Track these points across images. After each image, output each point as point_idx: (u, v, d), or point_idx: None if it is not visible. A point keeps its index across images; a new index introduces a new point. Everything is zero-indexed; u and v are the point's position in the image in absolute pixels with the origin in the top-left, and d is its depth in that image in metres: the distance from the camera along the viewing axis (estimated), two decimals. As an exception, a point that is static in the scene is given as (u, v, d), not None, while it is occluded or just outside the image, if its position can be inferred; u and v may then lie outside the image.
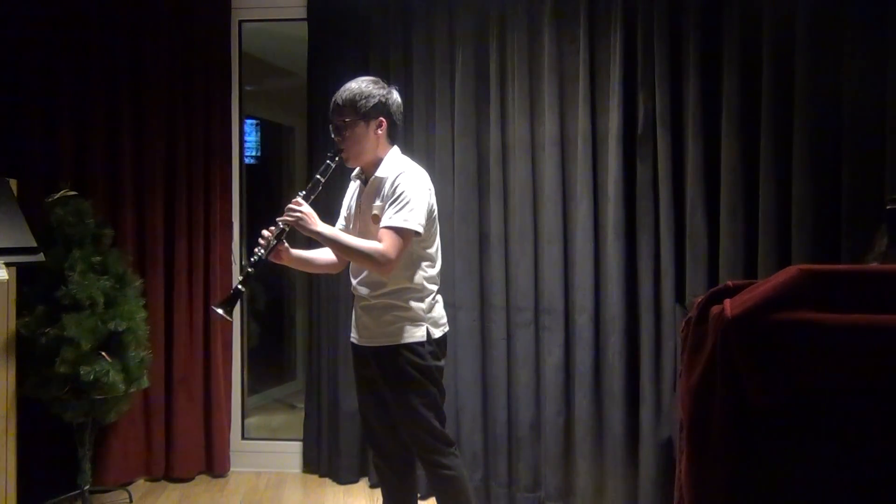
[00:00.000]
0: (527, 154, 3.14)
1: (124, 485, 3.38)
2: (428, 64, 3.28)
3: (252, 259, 2.23)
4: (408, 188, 2.19)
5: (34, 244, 2.74)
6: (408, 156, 2.38)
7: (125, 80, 3.42)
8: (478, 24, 3.24)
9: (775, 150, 2.74)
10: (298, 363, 5.02)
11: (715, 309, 1.38)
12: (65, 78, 3.37)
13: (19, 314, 2.90)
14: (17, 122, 3.34)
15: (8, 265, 2.67)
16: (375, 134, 2.27)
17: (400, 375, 2.22)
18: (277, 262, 2.32)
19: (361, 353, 2.33)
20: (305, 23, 3.49)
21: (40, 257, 2.75)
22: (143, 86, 3.45)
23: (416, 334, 2.23)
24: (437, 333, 2.29)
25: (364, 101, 2.23)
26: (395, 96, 2.32)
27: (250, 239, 3.78)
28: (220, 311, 2.19)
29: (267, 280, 5.08)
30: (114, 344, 2.94)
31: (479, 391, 3.20)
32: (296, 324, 5.10)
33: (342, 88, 2.28)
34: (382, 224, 2.18)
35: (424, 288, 2.28)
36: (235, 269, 3.64)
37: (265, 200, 5.09)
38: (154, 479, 3.51)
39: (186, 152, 3.49)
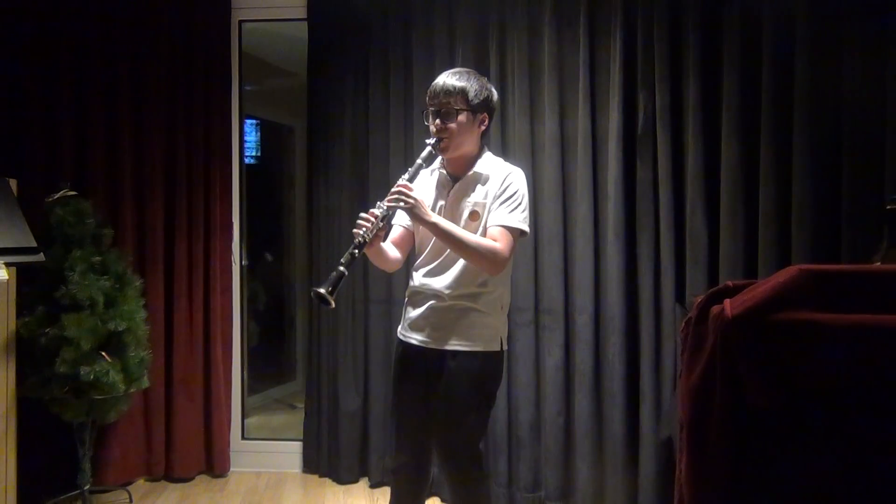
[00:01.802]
0: (527, 154, 3.14)
1: (124, 485, 3.38)
2: (428, 64, 3.28)
3: (356, 240, 2.04)
4: (520, 188, 2.14)
5: (34, 244, 2.74)
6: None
7: (125, 80, 3.42)
8: (478, 24, 3.24)
9: (775, 149, 2.74)
10: (298, 363, 5.02)
11: (715, 309, 1.38)
12: (65, 78, 3.37)
13: (19, 314, 2.89)
14: (17, 122, 3.34)
15: (8, 265, 2.67)
16: (478, 129, 2.20)
17: (462, 384, 2.13)
18: (365, 251, 2.11)
19: (420, 353, 2.21)
20: (305, 23, 3.49)
21: (40, 257, 2.75)
22: (143, 86, 3.45)
23: (492, 343, 2.17)
24: (506, 345, 2.23)
25: (475, 92, 2.15)
26: (496, 96, 2.26)
27: (250, 239, 3.79)
28: (322, 290, 1.99)
29: (267, 280, 5.08)
30: (114, 344, 2.94)
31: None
32: (296, 324, 5.10)
33: (450, 74, 2.18)
34: (496, 222, 2.10)
35: (505, 295, 2.22)
36: (235, 269, 3.64)
37: (265, 200, 5.10)
38: (154, 479, 3.51)
39: (186, 152, 3.49)
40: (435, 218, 2.08)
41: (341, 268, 2.02)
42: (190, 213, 3.49)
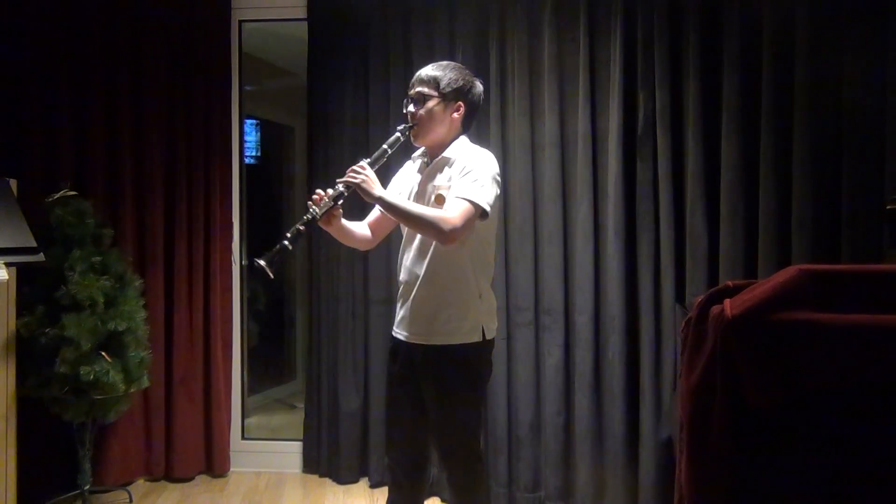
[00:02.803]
0: (527, 154, 3.14)
1: (124, 485, 3.38)
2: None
3: (305, 217, 2.08)
4: (481, 168, 2.11)
5: (34, 244, 2.74)
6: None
7: (125, 80, 3.42)
8: (478, 24, 3.24)
9: (775, 150, 2.74)
10: (298, 363, 5.02)
11: (715, 309, 1.38)
12: (65, 78, 3.37)
13: (19, 314, 2.89)
14: (17, 122, 3.34)
15: (8, 265, 2.67)
16: (451, 117, 2.20)
17: (447, 378, 2.14)
18: (324, 227, 2.17)
19: (406, 350, 2.23)
20: (305, 23, 3.49)
21: (40, 257, 2.75)
22: (143, 86, 3.45)
23: (472, 335, 2.15)
24: (490, 335, 2.21)
25: (448, 81, 2.18)
26: (479, 88, 2.26)
27: (250, 239, 3.79)
28: (262, 262, 2.02)
29: (267, 280, 5.08)
30: (114, 344, 2.94)
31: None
32: (296, 324, 5.10)
33: (427, 66, 2.23)
34: (452, 194, 2.08)
35: (483, 286, 2.20)
36: (235, 269, 3.64)
37: (265, 200, 5.10)
38: (154, 479, 3.51)
39: (186, 152, 3.48)
40: (380, 192, 2.08)
41: (285, 242, 2.05)
42: (190, 213, 3.49)
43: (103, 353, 2.89)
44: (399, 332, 2.27)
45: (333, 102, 3.45)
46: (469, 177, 2.09)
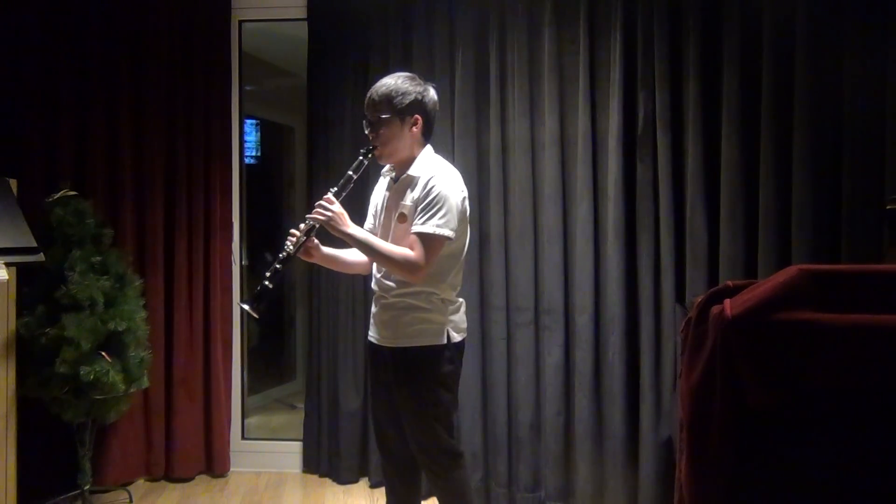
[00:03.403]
0: (527, 154, 3.14)
1: (124, 485, 3.38)
2: (428, 64, 3.28)
3: (280, 255, 2.17)
4: (441, 191, 2.13)
5: (34, 244, 2.74)
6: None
7: (125, 80, 3.42)
8: (478, 25, 3.24)
9: (775, 150, 2.74)
10: (298, 363, 5.02)
11: (715, 309, 1.38)
12: (65, 78, 3.37)
13: (19, 314, 2.89)
14: (17, 122, 3.34)
15: (8, 265, 2.67)
16: (410, 132, 2.22)
17: (415, 380, 2.18)
18: (307, 260, 2.27)
19: (379, 353, 2.28)
20: (305, 23, 3.49)
21: (40, 257, 2.75)
22: (143, 86, 3.45)
23: (437, 338, 2.19)
24: (457, 338, 2.23)
25: (400, 97, 2.18)
26: (432, 94, 2.26)
27: (250, 239, 3.79)
28: (246, 307, 2.14)
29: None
30: (114, 344, 2.94)
31: (478, 391, 3.20)
32: (296, 324, 5.09)
33: (378, 84, 2.23)
34: (414, 229, 2.12)
35: (448, 291, 2.23)
36: (235, 269, 3.64)
37: (265, 200, 5.09)
38: (154, 479, 3.51)
39: (186, 152, 3.48)
40: (352, 230, 2.14)
41: (266, 282, 2.15)
42: (190, 213, 3.49)
43: (103, 353, 2.89)
44: (371, 335, 2.34)
45: (333, 102, 3.45)
46: (429, 206, 2.12)
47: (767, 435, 1.34)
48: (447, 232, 2.12)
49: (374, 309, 2.32)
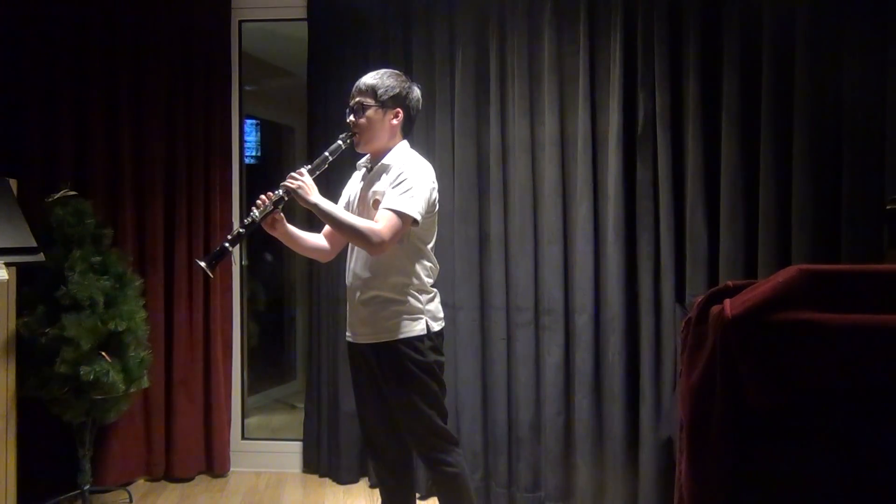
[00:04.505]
0: (527, 154, 3.14)
1: (124, 485, 3.38)
2: (428, 64, 3.28)
3: (245, 220, 2.22)
4: (412, 176, 2.19)
5: (34, 244, 2.74)
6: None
7: (125, 80, 3.42)
8: (478, 24, 3.24)
9: (775, 150, 2.74)
10: (298, 363, 5.02)
11: (715, 309, 1.38)
12: (65, 78, 3.37)
13: (19, 314, 2.89)
14: (17, 122, 3.34)
15: (8, 265, 2.67)
16: (390, 123, 2.28)
17: (401, 371, 2.20)
18: (270, 232, 2.30)
19: (360, 351, 2.31)
20: (305, 23, 3.49)
21: (40, 257, 2.75)
22: (143, 86, 3.45)
23: (416, 328, 2.22)
24: (435, 327, 2.27)
25: (385, 89, 2.26)
26: (416, 93, 2.35)
27: (250, 239, 3.78)
28: (202, 263, 2.20)
29: (267, 280, 5.08)
30: (114, 344, 2.94)
31: (479, 391, 3.20)
32: (296, 324, 5.09)
33: (365, 76, 2.31)
34: (382, 205, 2.16)
35: (423, 282, 2.27)
36: (235, 269, 3.64)
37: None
38: (154, 479, 3.51)
39: (186, 152, 3.48)
40: (315, 199, 2.16)
41: (226, 244, 2.22)
42: (190, 213, 3.49)
43: (103, 353, 2.89)
44: (349, 335, 2.36)
45: (333, 102, 3.45)
46: (401, 187, 2.17)
47: (767, 435, 1.33)
48: (413, 213, 2.15)
49: (349, 307, 2.35)
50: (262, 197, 2.23)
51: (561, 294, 3.10)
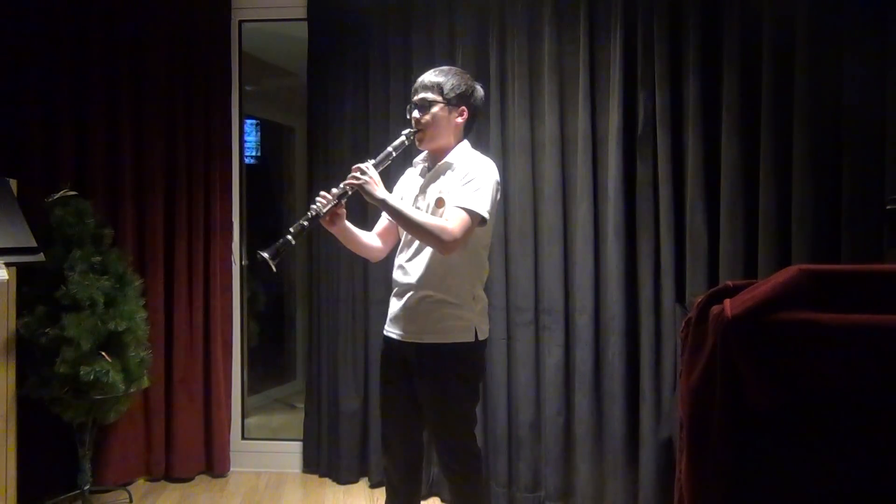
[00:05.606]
0: (527, 154, 3.14)
1: (124, 485, 3.38)
2: (428, 64, 3.24)
3: (309, 213, 2.14)
4: (481, 174, 2.15)
5: (34, 244, 2.74)
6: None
7: (125, 80, 3.42)
8: (478, 24, 3.24)
9: (775, 149, 2.73)
10: (298, 363, 5.02)
11: (715, 309, 1.38)
12: (65, 78, 3.37)
13: (19, 314, 2.90)
14: (17, 122, 3.34)
15: (8, 265, 2.67)
16: (455, 122, 2.24)
17: (441, 376, 2.16)
18: (328, 228, 2.23)
19: (399, 349, 2.25)
20: (305, 23, 3.49)
21: (40, 257, 2.75)
22: (144, 86, 3.45)
23: (465, 335, 2.18)
24: (482, 336, 2.23)
25: (452, 86, 2.22)
26: (480, 92, 2.31)
27: (250, 239, 3.78)
28: (265, 254, 2.06)
29: (267, 280, 5.08)
30: (114, 344, 2.94)
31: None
32: (296, 324, 5.10)
33: (428, 71, 2.28)
34: (452, 203, 2.11)
35: (477, 287, 2.24)
36: (235, 269, 3.64)
37: (265, 201, 5.09)
38: (154, 479, 3.51)
39: (186, 152, 3.49)
40: (382, 195, 2.11)
41: (289, 236, 2.10)
42: (190, 213, 3.49)
43: (103, 353, 2.89)
44: (391, 331, 2.29)
45: (333, 102, 3.45)
46: (471, 185, 2.12)
47: (767, 435, 1.33)
48: (483, 211, 2.11)
49: (397, 303, 2.28)
50: (323, 193, 2.17)
51: (561, 294, 3.10)
